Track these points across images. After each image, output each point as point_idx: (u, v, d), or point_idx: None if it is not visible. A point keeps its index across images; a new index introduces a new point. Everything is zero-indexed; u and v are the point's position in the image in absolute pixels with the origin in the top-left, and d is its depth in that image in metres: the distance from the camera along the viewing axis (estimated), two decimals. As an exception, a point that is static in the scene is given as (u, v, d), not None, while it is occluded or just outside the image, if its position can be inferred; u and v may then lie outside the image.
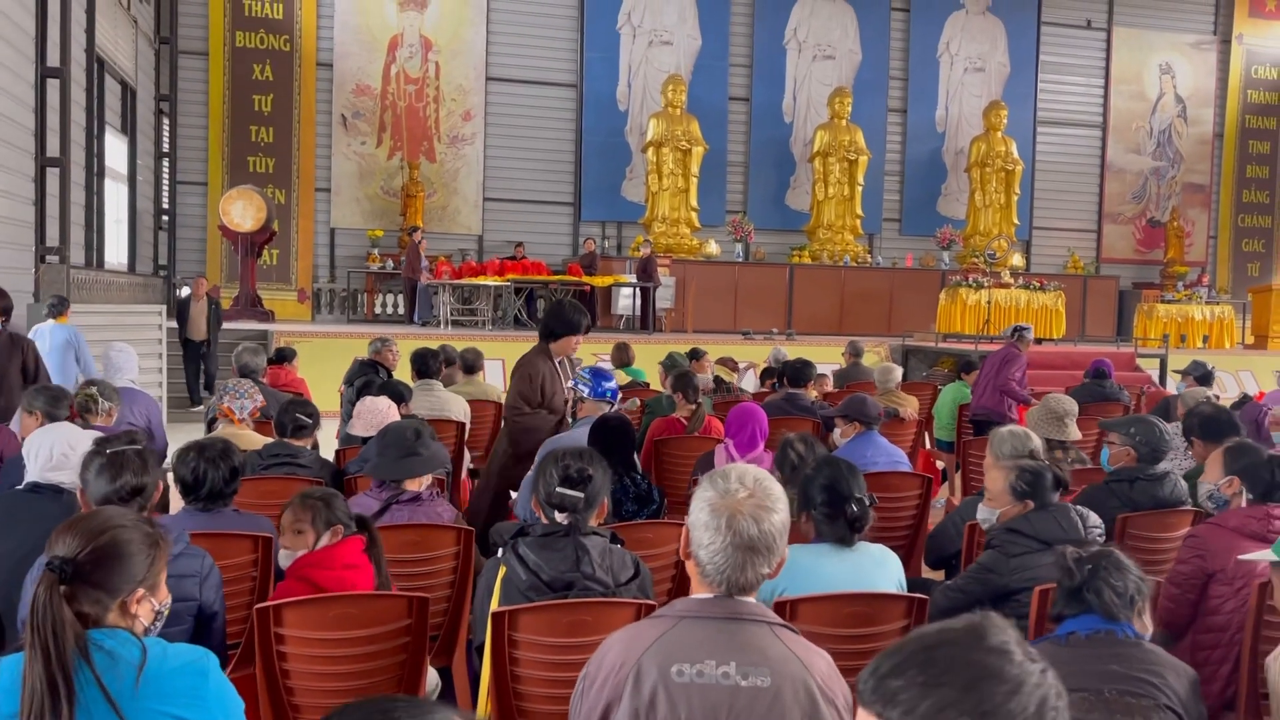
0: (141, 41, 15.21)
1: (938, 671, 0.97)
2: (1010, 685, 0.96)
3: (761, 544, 1.74)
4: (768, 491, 1.78)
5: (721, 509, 1.74)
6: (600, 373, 4.50)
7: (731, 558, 1.73)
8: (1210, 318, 16.18)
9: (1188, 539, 3.14)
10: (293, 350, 7.31)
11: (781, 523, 1.76)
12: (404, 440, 3.37)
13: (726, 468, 1.80)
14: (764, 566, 1.75)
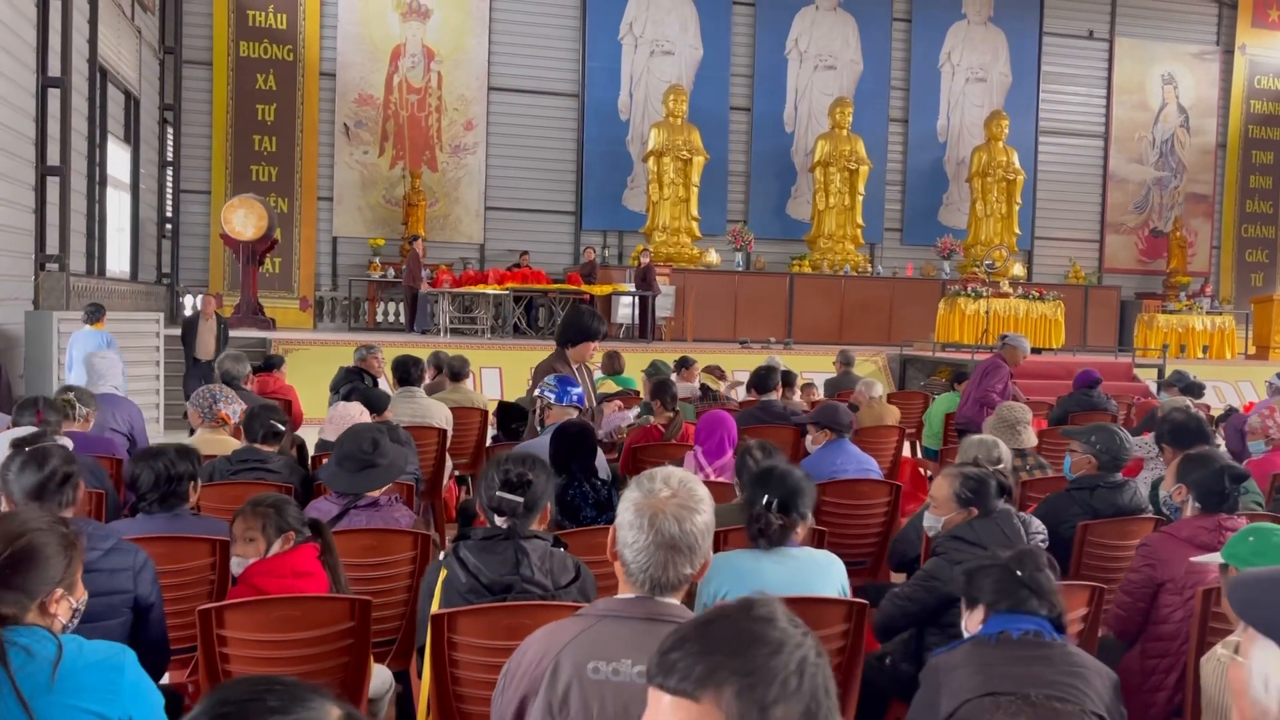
0: (145, 51, 15.35)
1: (710, 641, 1.08)
2: (772, 647, 1.07)
3: (683, 543, 1.76)
4: (691, 492, 1.80)
5: (645, 509, 1.77)
6: (566, 379, 4.54)
7: (654, 557, 1.75)
8: (1211, 328, 16.13)
9: (1140, 548, 3.16)
10: (280, 358, 7.37)
11: (704, 524, 1.78)
12: (359, 451, 3.38)
13: (654, 470, 1.83)
14: (686, 566, 1.77)
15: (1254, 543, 2.42)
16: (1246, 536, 2.46)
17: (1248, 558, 2.41)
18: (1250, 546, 2.42)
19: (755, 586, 2.66)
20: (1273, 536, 2.41)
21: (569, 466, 3.47)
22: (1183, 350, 15.66)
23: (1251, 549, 2.41)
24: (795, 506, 2.75)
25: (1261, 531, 2.45)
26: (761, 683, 1.04)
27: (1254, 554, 2.40)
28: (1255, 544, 2.42)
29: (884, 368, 14.13)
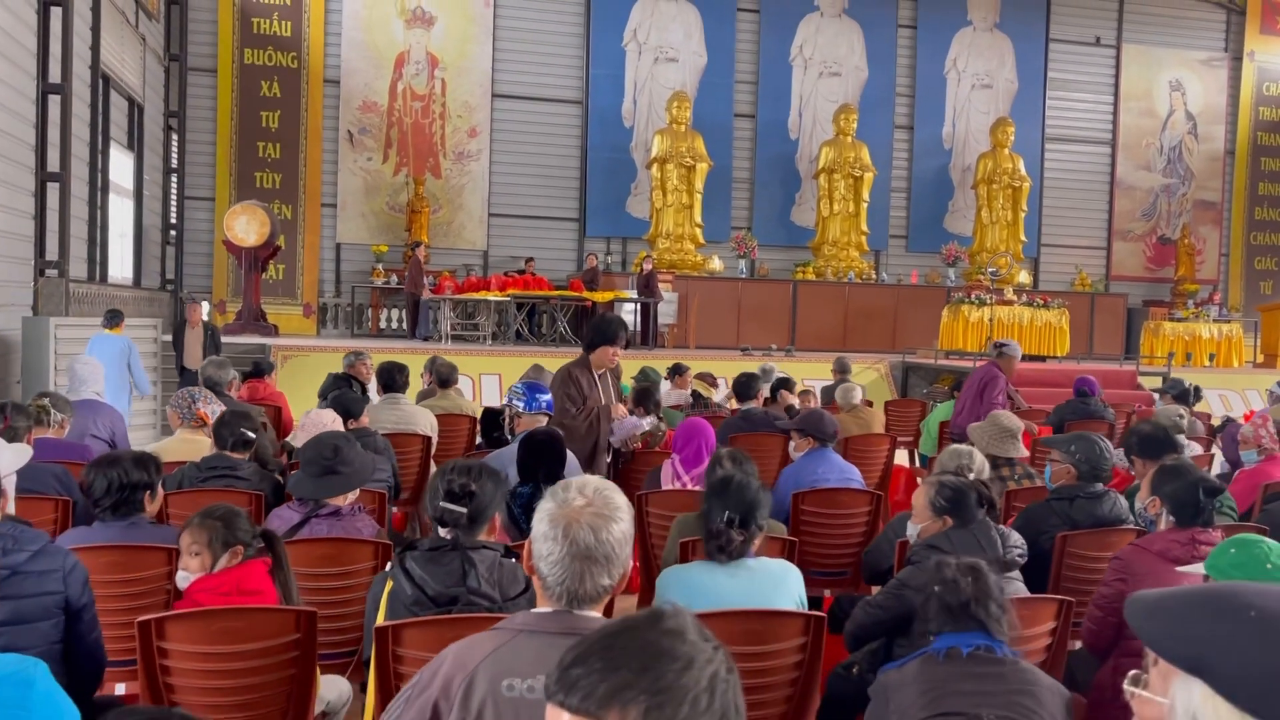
0: (150, 58, 15.39)
1: (616, 656, 1.01)
2: (682, 663, 1.00)
3: (599, 553, 1.70)
4: (608, 501, 1.75)
5: (559, 519, 1.72)
6: (535, 386, 4.50)
7: (569, 568, 1.70)
8: (1218, 336, 15.98)
9: (1112, 561, 3.09)
10: (270, 363, 7.35)
11: (622, 533, 1.73)
12: (320, 457, 3.34)
13: (569, 479, 1.78)
14: (604, 577, 1.72)
15: (1235, 554, 2.36)
16: (1228, 548, 2.39)
17: (1228, 570, 2.35)
18: (1231, 558, 2.36)
19: (710, 600, 2.61)
20: (1254, 548, 2.35)
21: (536, 474, 3.42)
22: (1189, 358, 15.51)
23: (1232, 561, 2.35)
24: (754, 519, 2.69)
25: (1243, 543, 2.38)
26: (670, 702, 0.98)
27: (1234, 566, 2.34)
28: (1236, 555, 2.35)
29: (886, 375, 14.05)
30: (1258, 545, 2.35)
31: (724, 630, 2.52)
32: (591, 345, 5.05)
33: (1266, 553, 2.32)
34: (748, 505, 2.69)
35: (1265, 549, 2.33)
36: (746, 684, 2.60)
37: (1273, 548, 2.34)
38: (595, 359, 5.04)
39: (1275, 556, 2.31)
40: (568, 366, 5.08)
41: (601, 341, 4.98)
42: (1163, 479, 3.19)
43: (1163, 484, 3.17)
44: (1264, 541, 2.37)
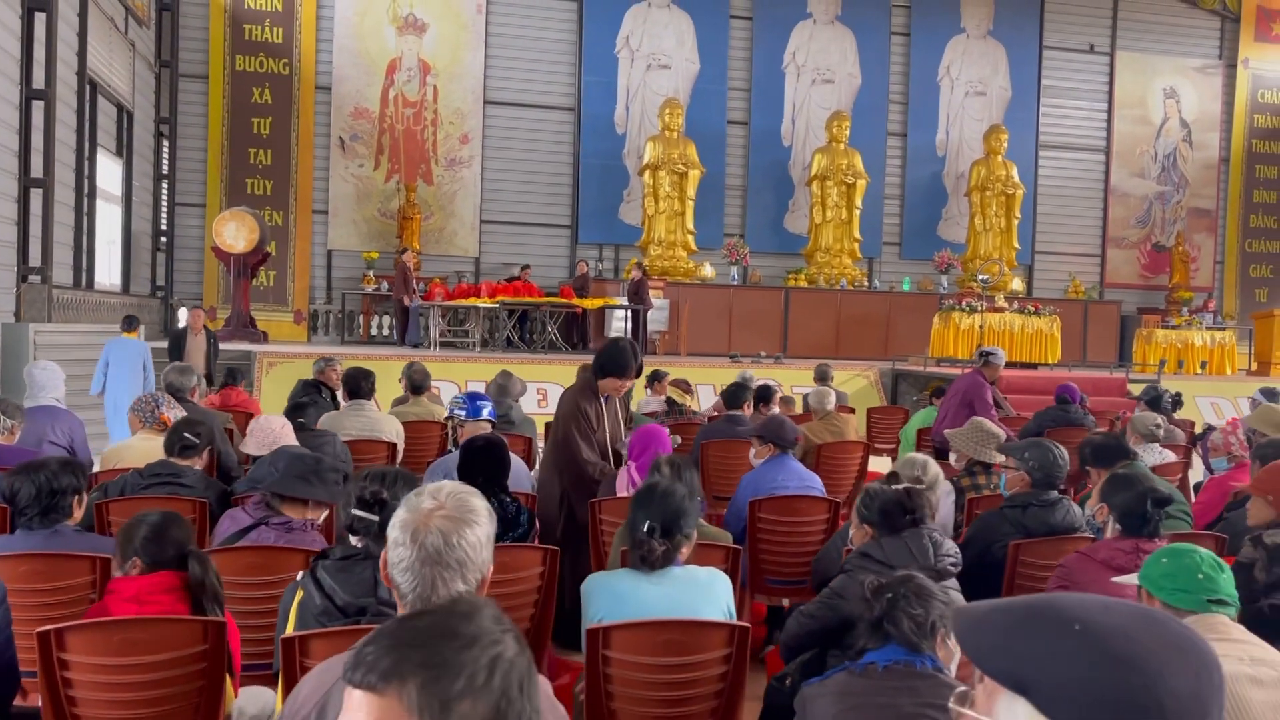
0: (140, 65, 15.39)
1: (403, 635, 1.04)
2: (463, 641, 1.02)
3: (451, 558, 1.64)
4: (462, 504, 1.69)
5: (410, 524, 1.66)
6: (476, 395, 4.44)
7: (420, 574, 1.64)
8: (1211, 344, 15.91)
9: (1057, 568, 3.03)
10: (243, 371, 7.30)
11: (479, 537, 1.66)
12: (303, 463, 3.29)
13: (425, 485, 1.72)
14: (458, 583, 1.65)
15: (1167, 564, 2.30)
16: (1160, 558, 2.33)
17: (1159, 580, 2.29)
18: (1163, 569, 2.30)
19: (633, 609, 2.55)
20: (1185, 558, 2.28)
21: (475, 481, 3.37)
22: (1180, 366, 15.44)
23: (1164, 571, 2.29)
24: (679, 529, 2.63)
25: (1176, 553, 2.32)
26: (446, 675, 1.00)
27: (1166, 576, 2.28)
28: (1168, 565, 2.29)
29: (875, 383, 13.99)
30: (1190, 555, 2.29)
31: (646, 640, 2.47)
32: (601, 373, 4.85)
33: (1199, 563, 2.26)
34: (671, 514, 2.63)
35: (1197, 559, 2.27)
36: (670, 695, 2.55)
37: (1204, 558, 2.28)
38: (603, 386, 4.88)
39: (1207, 566, 2.25)
40: (575, 396, 4.85)
41: (611, 373, 4.81)
42: (1112, 487, 3.14)
43: (1112, 492, 3.12)
44: (1196, 551, 2.31)
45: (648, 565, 2.61)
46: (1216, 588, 2.22)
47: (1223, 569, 2.26)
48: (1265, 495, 3.34)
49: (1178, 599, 2.22)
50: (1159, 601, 2.27)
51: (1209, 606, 2.20)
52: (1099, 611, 1.03)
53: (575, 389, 4.94)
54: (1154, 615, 1.06)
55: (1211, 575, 2.23)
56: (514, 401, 6.59)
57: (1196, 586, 2.22)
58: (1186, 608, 2.21)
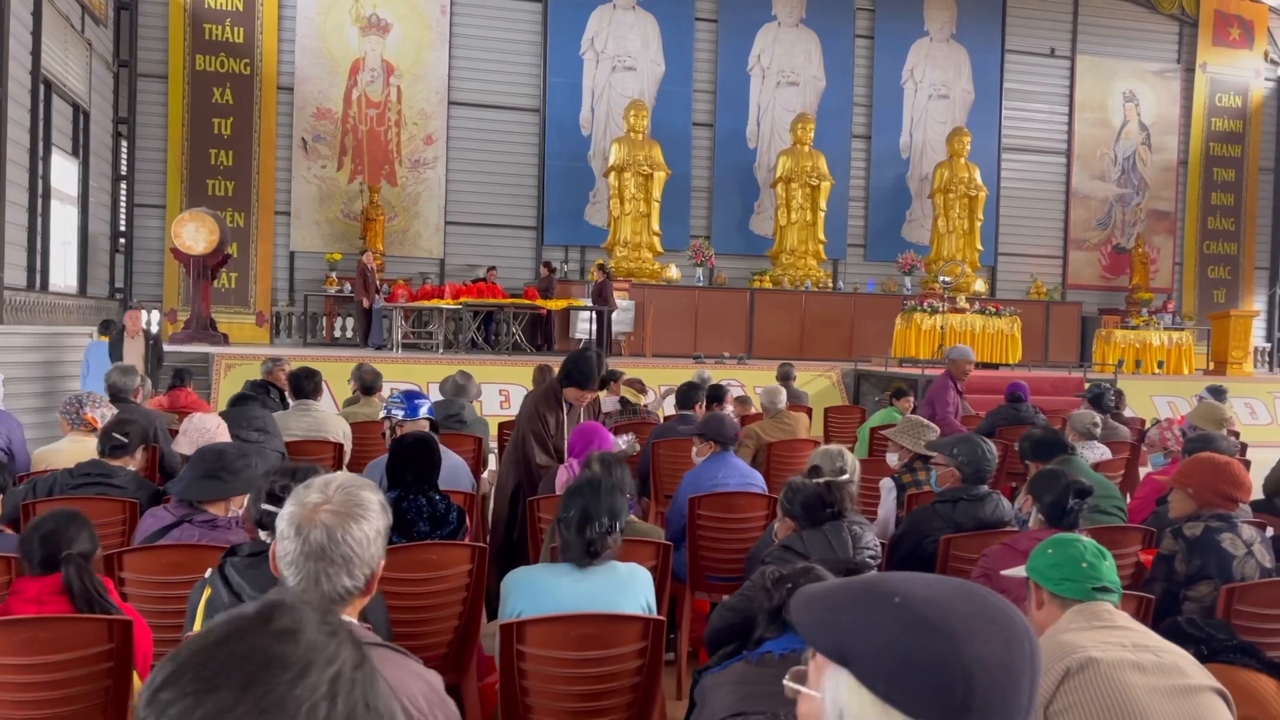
0: (98, 64, 15.21)
1: (213, 672, 0.84)
2: (295, 670, 0.85)
3: (336, 553, 1.62)
4: (351, 499, 1.67)
5: (295, 517, 1.65)
6: (412, 394, 4.42)
7: (304, 569, 1.62)
8: (1169, 344, 16.12)
9: (980, 559, 3.06)
10: (189, 372, 7.23)
11: (367, 532, 1.65)
12: (206, 461, 3.27)
13: (314, 479, 1.71)
14: (345, 578, 1.63)
15: (1052, 554, 2.33)
16: (1046, 549, 2.36)
17: (1045, 570, 2.32)
18: (1049, 559, 2.33)
19: (551, 604, 2.55)
20: (1069, 548, 2.31)
21: (404, 479, 3.35)
22: (1138, 366, 15.64)
23: (1050, 561, 2.32)
24: (595, 523, 2.63)
25: (1060, 543, 2.35)
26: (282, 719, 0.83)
27: (1052, 566, 2.31)
28: (1054, 555, 2.32)
29: (837, 383, 14.06)
30: (1074, 545, 2.32)
31: (561, 635, 2.47)
32: (566, 381, 4.83)
33: (1082, 552, 2.29)
34: (593, 509, 2.63)
35: (1081, 548, 2.30)
36: (586, 689, 2.54)
37: (1087, 547, 2.31)
38: (566, 393, 4.85)
39: (1091, 555, 2.28)
40: (536, 400, 4.85)
41: (576, 382, 4.78)
42: (1037, 481, 3.18)
43: (1037, 485, 3.16)
44: (1080, 540, 2.34)
45: (592, 558, 2.60)
46: (1100, 576, 2.25)
47: (1105, 557, 2.30)
48: (1185, 489, 3.39)
49: (1064, 588, 2.26)
50: (1047, 592, 2.30)
51: (1093, 594, 2.23)
52: (920, 586, 1.05)
53: (538, 394, 4.98)
54: (972, 589, 1.08)
55: (1095, 564, 2.26)
56: (468, 402, 6.57)
57: (1081, 575, 2.25)
58: (1072, 596, 2.24)
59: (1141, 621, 2.99)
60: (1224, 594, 3.09)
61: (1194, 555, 3.19)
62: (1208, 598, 3.16)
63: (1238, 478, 3.30)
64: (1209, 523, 3.26)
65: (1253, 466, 6.75)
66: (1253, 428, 13.64)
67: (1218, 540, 3.21)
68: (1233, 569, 3.16)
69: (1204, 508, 3.33)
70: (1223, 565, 3.16)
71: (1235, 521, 3.28)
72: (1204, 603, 3.17)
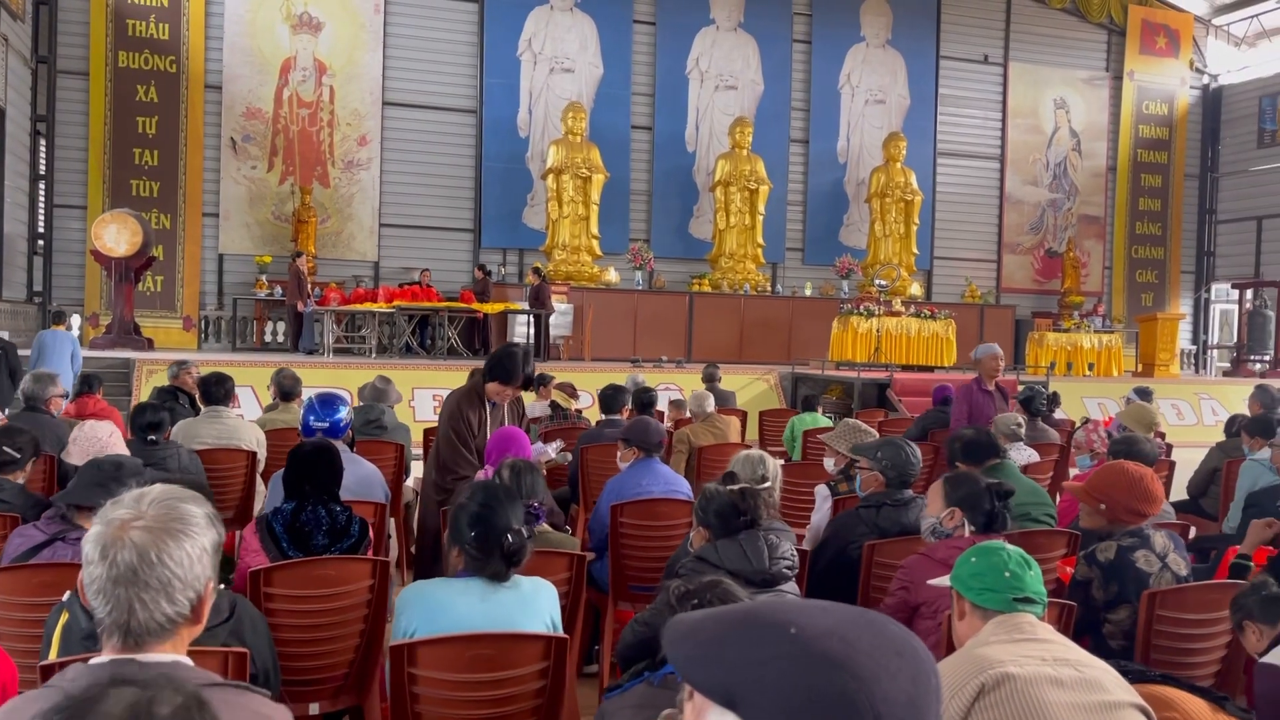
0: (14, 60, 14.67)
1: None
2: None
3: (150, 575, 1.43)
4: (170, 513, 1.47)
5: (101, 538, 1.45)
6: (330, 400, 4.22)
7: (114, 597, 1.43)
8: (1099, 346, 16.40)
9: (899, 570, 2.97)
10: (99, 378, 6.92)
11: (188, 552, 1.45)
12: (99, 470, 3.06)
13: (127, 493, 1.51)
14: (165, 604, 1.44)
15: (976, 563, 2.24)
16: (969, 557, 2.27)
17: (968, 580, 2.23)
18: (972, 568, 2.24)
19: (447, 623, 2.40)
20: (993, 556, 2.23)
21: (301, 489, 3.17)
22: (1069, 368, 15.87)
23: (973, 570, 2.23)
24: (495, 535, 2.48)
25: (983, 551, 2.27)
26: None
27: (974, 575, 2.22)
28: (977, 565, 2.23)
29: (775, 386, 14.05)
30: (997, 553, 2.24)
31: (455, 656, 2.31)
32: (490, 376, 4.67)
33: (1005, 560, 2.21)
34: (506, 518, 2.48)
35: (1004, 557, 2.22)
36: (483, 714, 2.39)
37: (1012, 555, 2.23)
38: (488, 390, 4.70)
39: (1014, 564, 2.20)
40: (459, 399, 4.68)
41: (497, 378, 4.64)
42: (955, 487, 3.09)
43: (955, 493, 3.08)
44: (1004, 548, 2.26)
45: (513, 567, 2.45)
46: (1023, 586, 2.17)
47: (1030, 566, 2.22)
48: (1096, 504, 3.31)
49: (985, 598, 2.17)
50: (969, 602, 2.21)
51: (1015, 605, 2.16)
52: (817, 615, 0.93)
53: (460, 392, 4.79)
54: (872, 618, 0.97)
55: (1018, 573, 2.18)
56: (389, 407, 6.37)
57: (1003, 585, 2.17)
58: (994, 607, 2.16)
59: (1064, 631, 2.93)
60: (1145, 601, 3.03)
61: (1110, 581, 3.13)
62: (1126, 621, 3.10)
63: (1150, 492, 3.23)
64: (1121, 541, 3.19)
65: (1178, 467, 6.82)
66: (1179, 428, 13.91)
67: (1132, 561, 3.15)
68: (1149, 587, 3.11)
69: (1115, 523, 3.27)
70: (1140, 586, 3.09)
71: (1147, 534, 3.22)
72: (1123, 626, 3.12)
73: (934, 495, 3.15)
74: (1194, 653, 3.06)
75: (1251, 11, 20.80)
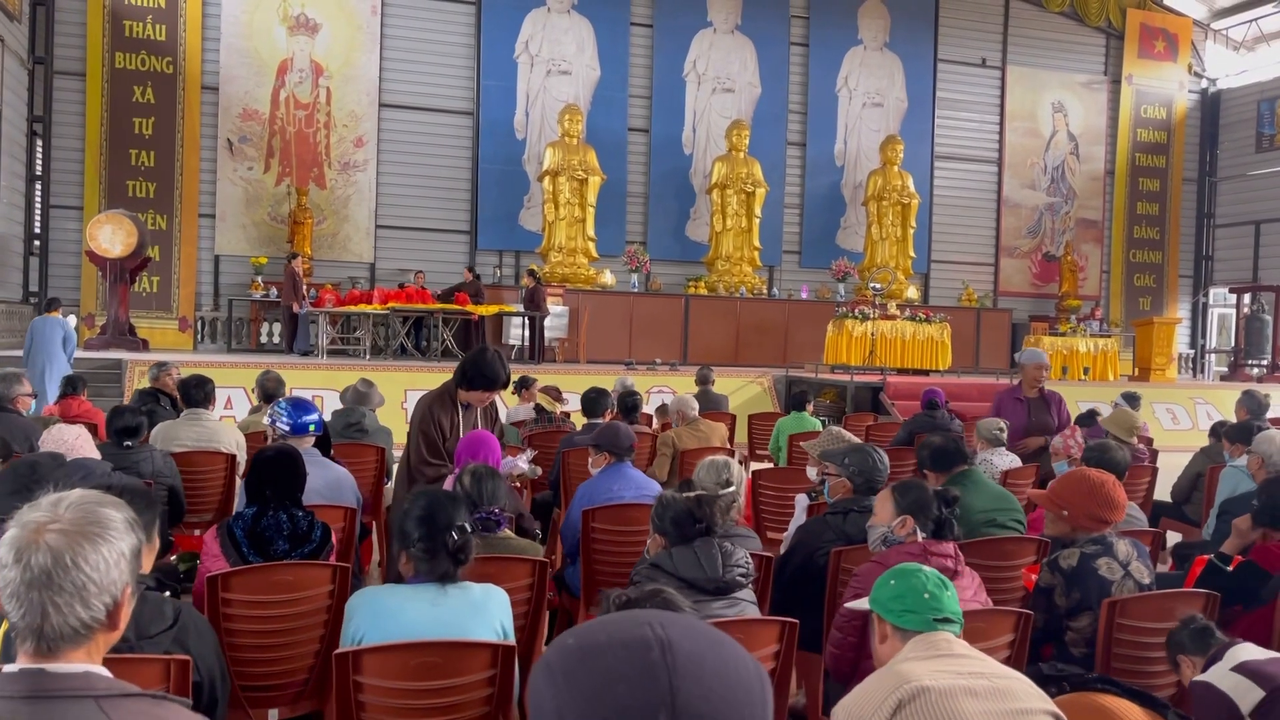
0: (10, 60, 14.69)
1: None
2: None
3: (65, 579, 1.39)
4: (86, 516, 1.44)
5: (15, 541, 1.42)
6: (301, 405, 4.21)
7: (28, 601, 1.40)
8: (1095, 350, 16.37)
9: (853, 578, 2.96)
10: (83, 379, 6.93)
11: (105, 556, 1.43)
12: (18, 474, 3.04)
13: (45, 496, 1.49)
14: (79, 609, 1.41)
15: (895, 585, 2.23)
16: (888, 580, 2.26)
17: (888, 602, 2.22)
18: (890, 590, 2.23)
19: (395, 629, 2.39)
20: (912, 579, 2.22)
21: (261, 493, 3.17)
22: (1064, 372, 15.84)
23: (892, 593, 2.22)
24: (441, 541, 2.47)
25: (902, 574, 2.25)
26: None
27: (894, 598, 2.22)
28: (896, 587, 2.23)
29: (769, 389, 14.03)
30: (915, 575, 2.23)
31: (401, 664, 2.31)
32: (465, 382, 4.61)
33: (924, 583, 2.20)
34: (448, 518, 2.47)
35: (923, 579, 2.21)
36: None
37: (929, 577, 2.22)
38: (468, 396, 4.65)
39: (933, 586, 2.20)
40: (430, 402, 4.61)
41: (476, 384, 4.58)
42: (903, 494, 3.08)
43: (904, 498, 3.06)
44: (921, 571, 2.25)
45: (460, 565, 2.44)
46: (941, 606, 2.18)
47: (947, 587, 2.22)
48: (1059, 510, 3.30)
49: (906, 620, 2.17)
50: (890, 624, 2.21)
51: (935, 626, 2.15)
52: (609, 629, 0.93)
53: (433, 394, 4.71)
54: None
55: (936, 594, 2.18)
56: (370, 410, 6.36)
57: (923, 606, 2.17)
58: (914, 628, 2.16)
59: (1021, 641, 2.92)
60: (1105, 609, 3.02)
61: (1073, 588, 3.13)
62: (1088, 629, 3.09)
63: (1112, 499, 3.21)
64: (1084, 549, 3.18)
65: (1163, 473, 6.80)
66: (1173, 433, 13.88)
67: (1095, 568, 3.15)
68: (1112, 595, 3.10)
69: (1078, 530, 3.26)
70: (1103, 594, 3.09)
71: (1110, 541, 3.21)
72: (1085, 634, 3.11)
73: (882, 503, 3.13)
74: (1154, 661, 3.05)
75: (1250, 15, 20.77)
